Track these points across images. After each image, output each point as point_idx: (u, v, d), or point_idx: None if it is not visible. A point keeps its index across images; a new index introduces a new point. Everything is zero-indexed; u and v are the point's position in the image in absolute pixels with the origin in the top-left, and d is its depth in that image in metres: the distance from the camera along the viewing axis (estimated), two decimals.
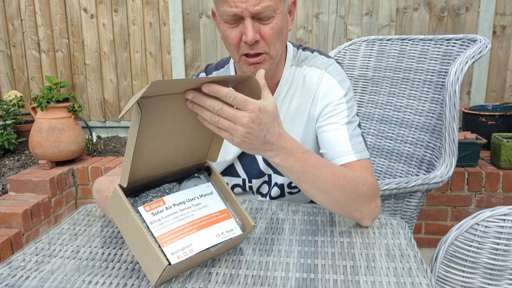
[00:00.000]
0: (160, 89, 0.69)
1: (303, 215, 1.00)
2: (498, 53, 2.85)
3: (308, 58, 1.11)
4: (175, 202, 0.77)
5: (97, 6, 3.14)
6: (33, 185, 2.46)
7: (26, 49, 3.27)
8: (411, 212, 1.46)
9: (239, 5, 0.91)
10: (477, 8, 2.80)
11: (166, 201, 0.76)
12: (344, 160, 1.00)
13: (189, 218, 0.76)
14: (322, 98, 1.07)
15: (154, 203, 0.75)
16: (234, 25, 0.96)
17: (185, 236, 0.73)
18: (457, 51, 1.47)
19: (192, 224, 0.75)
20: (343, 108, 1.04)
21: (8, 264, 0.79)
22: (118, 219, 0.77)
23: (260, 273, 0.75)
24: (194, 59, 3.13)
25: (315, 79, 1.08)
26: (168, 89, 0.71)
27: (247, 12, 0.92)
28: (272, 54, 0.99)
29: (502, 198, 2.37)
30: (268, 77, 1.07)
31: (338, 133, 1.02)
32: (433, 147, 1.49)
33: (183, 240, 0.72)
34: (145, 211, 0.74)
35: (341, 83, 1.07)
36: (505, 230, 0.89)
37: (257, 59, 0.98)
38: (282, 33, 0.99)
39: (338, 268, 0.77)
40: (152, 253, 0.70)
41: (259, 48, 0.97)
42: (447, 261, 0.94)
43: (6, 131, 2.90)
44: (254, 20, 0.94)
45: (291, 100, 1.10)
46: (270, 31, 0.95)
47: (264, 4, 0.92)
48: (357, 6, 2.90)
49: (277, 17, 0.95)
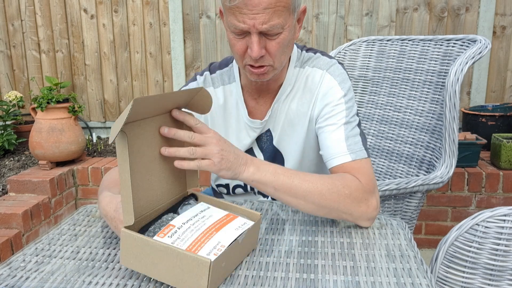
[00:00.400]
0: (142, 108, 0.71)
1: (303, 215, 1.00)
2: (498, 53, 2.85)
3: (311, 59, 1.11)
4: (183, 221, 0.78)
5: (97, 6, 3.14)
6: (33, 185, 2.47)
7: (26, 50, 3.27)
8: (411, 212, 1.46)
9: (247, 22, 0.90)
10: (477, 8, 2.80)
11: (175, 224, 0.77)
12: (338, 161, 0.99)
13: (203, 227, 0.77)
14: (322, 98, 1.07)
15: (165, 229, 0.75)
16: (240, 37, 0.95)
17: (209, 239, 0.74)
18: (457, 52, 1.47)
19: (209, 230, 0.76)
20: (341, 109, 1.04)
21: (8, 265, 0.79)
22: (139, 260, 0.72)
23: (260, 274, 0.75)
24: (194, 59, 3.13)
25: (317, 79, 1.08)
26: (148, 108, 0.73)
27: (254, 29, 0.91)
28: (276, 66, 0.99)
29: (502, 198, 2.37)
30: (272, 79, 1.07)
31: (335, 134, 1.02)
32: (433, 147, 1.49)
33: (209, 243, 0.73)
34: (161, 238, 0.73)
35: (341, 83, 1.07)
36: (505, 231, 0.89)
37: (261, 70, 0.98)
38: (289, 46, 0.98)
39: (338, 268, 0.77)
40: (190, 262, 0.68)
41: (264, 62, 0.96)
42: (447, 262, 0.94)
43: (6, 132, 2.90)
44: (260, 35, 0.93)
45: (291, 101, 1.10)
46: (276, 46, 0.94)
47: (272, 23, 0.90)
48: (357, 6, 2.90)
49: (285, 32, 0.94)
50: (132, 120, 0.72)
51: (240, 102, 1.12)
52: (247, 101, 1.13)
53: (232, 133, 1.15)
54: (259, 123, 1.12)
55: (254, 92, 1.12)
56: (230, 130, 1.15)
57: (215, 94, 1.14)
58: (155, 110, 0.76)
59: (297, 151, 1.13)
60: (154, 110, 0.76)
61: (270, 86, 1.10)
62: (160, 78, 3.19)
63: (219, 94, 1.14)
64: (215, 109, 1.14)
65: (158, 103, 0.75)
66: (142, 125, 0.75)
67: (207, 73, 1.17)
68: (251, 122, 1.12)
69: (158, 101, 0.74)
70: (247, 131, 1.14)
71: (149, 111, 0.74)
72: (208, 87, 1.14)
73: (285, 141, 1.13)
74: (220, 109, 1.15)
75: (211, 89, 1.14)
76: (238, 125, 1.14)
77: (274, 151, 1.15)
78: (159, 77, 3.18)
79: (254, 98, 1.12)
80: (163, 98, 0.75)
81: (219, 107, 1.14)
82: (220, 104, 1.14)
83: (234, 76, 1.14)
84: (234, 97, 1.13)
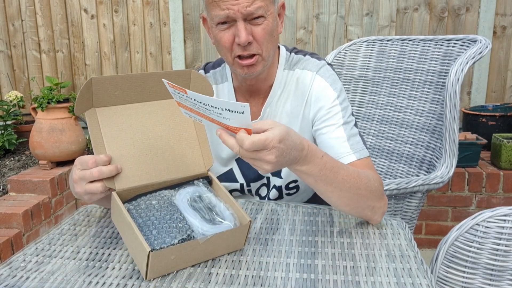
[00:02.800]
0: (103, 88, 0.78)
1: (303, 215, 1.00)
2: (499, 53, 2.84)
3: (300, 61, 1.12)
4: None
5: (97, 6, 3.14)
6: (33, 185, 2.47)
7: (27, 50, 3.27)
8: (412, 212, 1.46)
9: (231, 7, 0.93)
10: (478, 8, 2.79)
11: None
12: (344, 161, 1.00)
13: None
14: (316, 101, 1.08)
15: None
16: (226, 28, 0.97)
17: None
18: (457, 52, 1.47)
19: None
20: (337, 110, 1.05)
21: (8, 265, 0.79)
22: (117, 221, 0.82)
23: (260, 274, 0.75)
24: (195, 59, 3.13)
25: (308, 82, 1.09)
26: (125, 90, 0.80)
27: (239, 14, 0.93)
28: (265, 56, 1.00)
29: (502, 198, 2.37)
30: (262, 78, 1.08)
31: (336, 135, 1.03)
32: (433, 147, 1.49)
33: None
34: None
35: (332, 85, 1.08)
36: (505, 231, 0.89)
37: (251, 61, 0.99)
38: (273, 35, 1.01)
39: (338, 268, 0.77)
40: (138, 244, 0.72)
41: (252, 49, 0.98)
42: (447, 262, 0.94)
43: (7, 132, 2.90)
44: (246, 22, 0.96)
45: (285, 102, 1.12)
46: (262, 32, 0.97)
47: (255, 5, 0.93)
48: (358, 6, 2.90)
49: (268, 18, 0.97)
50: (120, 103, 0.81)
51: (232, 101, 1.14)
52: (239, 101, 1.14)
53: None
54: None
55: (245, 93, 1.13)
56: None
57: None
58: (140, 95, 0.82)
59: None
60: (138, 94, 0.82)
61: (260, 86, 1.11)
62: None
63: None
64: None
65: (134, 85, 0.80)
66: (131, 109, 0.82)
67: (202, 71, 1.19)
68: None
69: (132, 83, 0.80)
70: None
71: (128, 93, 0.80)
72: None
73: None
74: None
75: None
76: None
77: None
78: None
79: (246, 99, 1.14)
80: (137, 79, 0.81)
81: None
82: None
83: (226, 75, 1.16)
84: (226, 96, 1.15)
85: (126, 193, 0.81)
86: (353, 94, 1.73)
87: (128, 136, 0.82)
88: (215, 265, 0.78)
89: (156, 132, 0.85)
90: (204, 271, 0.76)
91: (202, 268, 0.77)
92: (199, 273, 0.75)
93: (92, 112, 0.80)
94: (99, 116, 0.80)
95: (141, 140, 0.83)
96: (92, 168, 0.78)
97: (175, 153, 0.86)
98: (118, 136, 0.81)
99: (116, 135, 0.81)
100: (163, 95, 0.86)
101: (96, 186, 0.80)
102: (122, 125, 0.82)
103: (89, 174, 0.79)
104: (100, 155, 0.79)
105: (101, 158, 0.79)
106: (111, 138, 0.81)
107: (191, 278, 0.74)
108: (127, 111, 0.82)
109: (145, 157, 0.83)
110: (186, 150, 0.88)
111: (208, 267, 0.77)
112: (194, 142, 0.89)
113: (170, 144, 0.86)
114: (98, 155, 0.79)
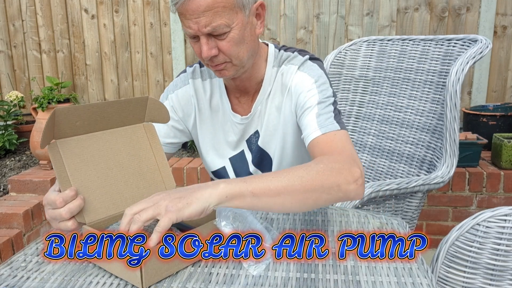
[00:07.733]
0: (73, 119, 0.79)
1: (303, 215, 1.00)
2: (499, 53, 2.84)
3: (288, 58, 1.12)
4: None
5: (98, 6, 3.14)
6: (34, 185, 2.47)
7: (27, 50, 3.27)
8: (412, 212, 1.45)
9: (192, 26, 0.94)
10: (478, 8, 2.79)
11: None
12: (309, 139, 0.99)
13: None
14: (294, 90, 1.08)
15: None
16: (196, 41, 0.99)
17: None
18: (458, 52, 1.47)
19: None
20: (314, 93, 1.05)
21: (9, 265, 0.79)
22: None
23: (260, 273, 0.75)
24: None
25: (289, 75, 1.10)
26: (85, 120, 0.81)
27: (200, 32, 0.95)
28: (235, 62, 1.01)
29: (503, 198, 2.37)
30: (245, 78, 1.10)
31: (310, 115, 1.02)
32: (434, 147, 1.49)
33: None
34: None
35: (311, 73, 1.08)
36: (506, 231, 0.89)
37: (220, 67, 1.01)
38: (245, 41, 0.99)
39: (338, 268, 0.77)
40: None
41: (219, 60, 1.00)
42: (448, 262, 0.94)
43: (7, 132, 2.90)
44: (209, 37, 0.96)
45: (273, 98, 1.13)
46: (228, 45, 0.97)
47: (215, 24, 0.93)
48: (358, 6, 2.90)
49: (234, 30, 0.96)
50: (80, 133, 0.82)
51: (224, 97, 1.15)
52: (230, 98, 1.16)
53: (218, 127, 1.18)
54: (240, 119, 1.14)
55: (235, 91, 1.15)
56: (216, 122, 1.18)
57: (203, 86, 1.17)
58: (99, 123, 0.84)
59: (282, 148, 1.15)
60: (97, 123, 0.84)
61: (246, 85, 1.12)
62: (160, 78, 3.19)
63: (206, 86, 1.17)
64: (203, 102, 1.17)
65: (94, 114, 0.81)
66: (91, 139, 0.84)
67: (197, 65, 1.19)
68: (233, 115, 1.15)
69: (93, 112, 0.81)
70: (231, 125, 1.16)
71: (89, 123, 0.82)
72: (196, 78, 1.17)
73: (270, 141, 1.15)
74: (207, 102, 1.17)
75: (199, 81, 1.17)
76: (223, 118, 1.17)
77: (260, 152, 1.17)
78: (160, 77, 3.19)
79: (236, 97, 1.15)
80: (98, 108, 0.82)
81: (206, 100, 1.17)
82: (207, 97, 1.17)
83: None
84: (218, 90, 1.16)
85: (97, 225, 0.82)
86: (354, 94, 1.73)
87: (91, 167, 0.83)
88: (215, 265, 0.78)
89: (117, 161, 0.86)
90: (204, 271, 0.76)
91: (202, 268, 0.77)
92: (199, 273, 0.75)
93: (53, 145, 0.80)
94: (60, 148, 0.80)
95: (104, 170, 0.84)
96: (61, 209, 0.78)
97: (138, 180, 0.88)
98: (81, 168, 0.82)
99: (79, 167, 0.81)
100: (122, 122, 0.88)
101: (67, 224, 0.80)
102: (84, 156, 0.82)
103: (59, 216, 0.79)
104: (66, 191, 0.78)
105: (67, 194, 0.78)
106: (75, 170, 0.81)
107: (191, 278, 0.74)
108: (88, 141, 0.83)
109: (110, 187, 0.84)
110: (147, 175, 0.89)
111: (208, 267, 0.77)
112: (154, 167, 0.91)
113: (131, 171, 0.87)
114: (64, 192, 0.78)
